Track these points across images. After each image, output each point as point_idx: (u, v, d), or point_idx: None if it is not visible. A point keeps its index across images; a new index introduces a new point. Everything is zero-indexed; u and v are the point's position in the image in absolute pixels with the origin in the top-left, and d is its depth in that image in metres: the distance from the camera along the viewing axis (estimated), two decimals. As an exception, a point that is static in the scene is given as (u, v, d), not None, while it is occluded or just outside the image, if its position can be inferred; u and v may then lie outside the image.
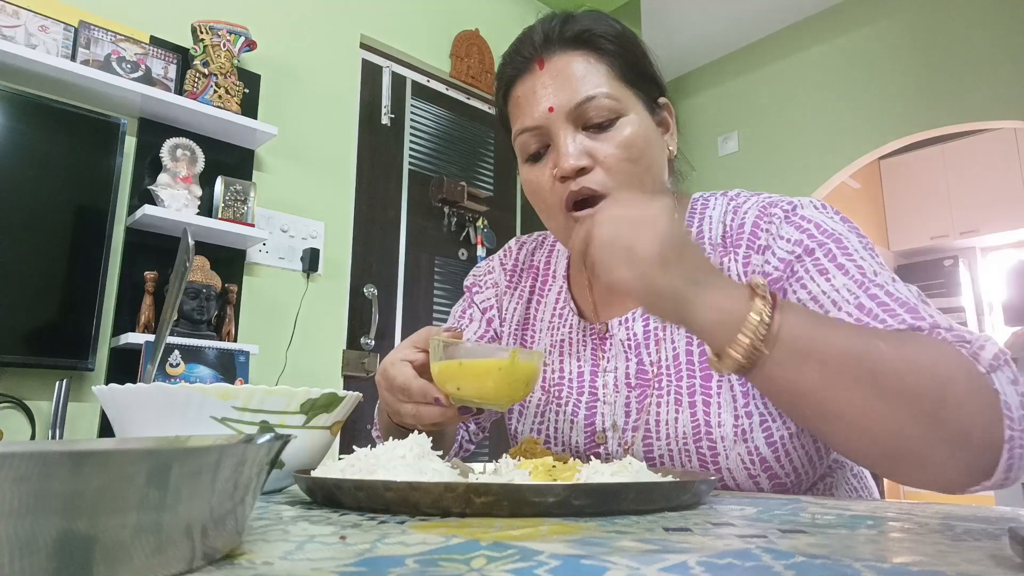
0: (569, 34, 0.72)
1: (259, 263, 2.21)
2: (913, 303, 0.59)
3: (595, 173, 0.69)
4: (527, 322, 0.89)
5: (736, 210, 0.75)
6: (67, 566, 0.19)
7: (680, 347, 0.73)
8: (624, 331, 0.77)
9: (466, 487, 0.39)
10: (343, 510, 0.43)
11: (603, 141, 0.70)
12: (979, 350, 0.52)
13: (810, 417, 0.54)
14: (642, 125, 0.71)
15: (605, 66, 0.71)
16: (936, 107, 3.31)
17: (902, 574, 0.24)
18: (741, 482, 0.68)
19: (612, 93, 0.70)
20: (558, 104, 0.70)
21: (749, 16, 3.83)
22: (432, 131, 2.88)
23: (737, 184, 4.25)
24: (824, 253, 0.65)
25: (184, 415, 0.50)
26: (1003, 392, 0.50)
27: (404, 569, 0.25)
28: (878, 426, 0.51)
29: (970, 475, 0.51)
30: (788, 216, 0.70)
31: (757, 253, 0.71)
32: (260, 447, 0.27)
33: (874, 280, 0.61)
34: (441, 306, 2.77)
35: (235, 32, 2.10)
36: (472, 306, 0.93)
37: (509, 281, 0.92)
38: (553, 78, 0.71)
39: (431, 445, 0.49)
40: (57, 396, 1.67)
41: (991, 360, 0.52)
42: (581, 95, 0.69)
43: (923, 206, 5.01)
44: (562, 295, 0.87)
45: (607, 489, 0.41)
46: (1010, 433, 0.49)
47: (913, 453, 0.51)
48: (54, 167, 1.73)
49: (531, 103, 0.72)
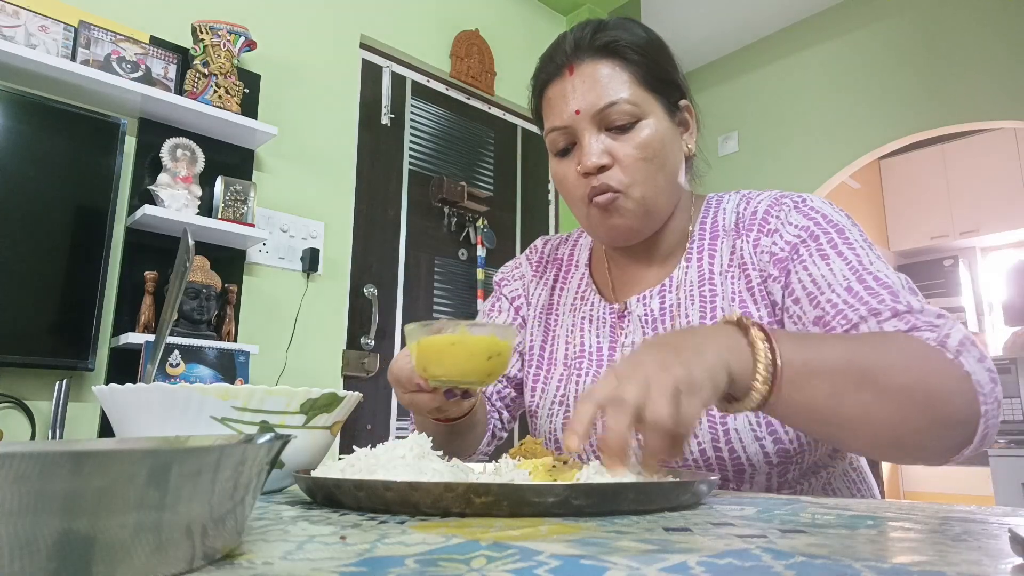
0: (598, 43, 0.78)
1: (259, 263, 2.21)
2: (896, 288, 0.66)
3: (614, 171, 0.77)
4: (551, 306, 0.96)
5: (749, 201, 0.83)
6: (67, 566, 0.19)
7: (695, 319, 0.80)
8: (642, 307, 0.84)
9: (466, 487, 0.39)
10: (343, 510, 0.43)
11: (623, 142, 0.77)
12: (945, 338, 0.60)
13: (825, 426, 0.58)
14: (659, 127, 0.78)
15: (629, 73, 0.78)
16: (936, 107, 3.31)
17: (902, 574, 0.24)
18: (747, 445, 0.71)
19: (633, 98, 0.77)
20: (584, 107, 0.77)
21: (749, 16, 3.83)
22: (432, 131, 2.88)
23: (737, 184, 4.25)
24: (827, 240, 0.73)
25: (184, 415, 0.50)
26: (973, 372, 0.58)
27: (404, 569, 0.25)
28: (884, 422, 0.56)
29: (955, 448, 0.59)
30: (798, 206, 0.78)
31: (766, 236, 0.78)
32: (260, 447, 0.27)
33: (868, 268, 0.69)
34: (441, 306, 2.77)
35: (235, 32, 2.10)
36: (500, 299, 1.01)
37: (535, 271, 1.00)
38: (581, 83, 0.78)
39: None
40: (57, 396, 1.67)
41: (957, 346, 0.59)
42: (604, 100, 0.76)
43: (923, 206, 5.01)
44: (584, 280, 0.94)
45: (607, 489, 0.41)
46: (985, 408, 0.57)
47: (913, 439, 0.58)
48: (54, 167, 1.73)
49: (560, 105, 0.79)
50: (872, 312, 0.65)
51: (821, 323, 0.69)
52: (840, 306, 0.67)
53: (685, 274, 0.83)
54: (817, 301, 0.70)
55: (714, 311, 0.79)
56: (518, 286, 1.01)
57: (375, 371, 2.49)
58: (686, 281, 0.83)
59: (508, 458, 0.56)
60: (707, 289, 0.81)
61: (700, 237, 0.85)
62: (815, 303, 0.70)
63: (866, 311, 0.65)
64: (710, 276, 0.81)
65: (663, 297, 0.83)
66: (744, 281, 0.79)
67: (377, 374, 2.50)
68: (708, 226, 0.85)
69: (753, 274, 0.78)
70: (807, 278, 0.72)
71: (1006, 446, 3.03)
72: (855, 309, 0.66)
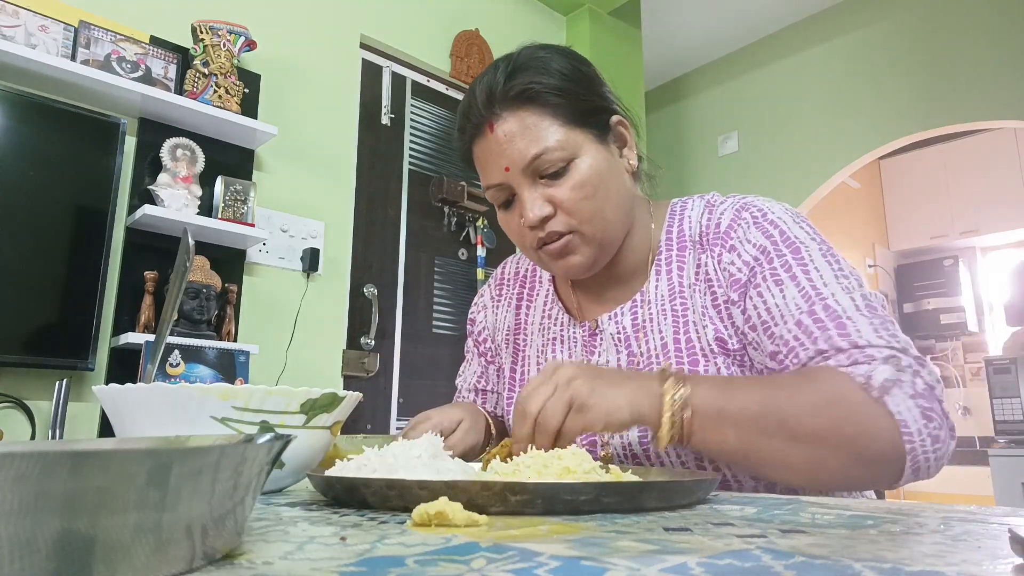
0: (512, 92, 0.75)
1: (259, 263, 2.21)
2: (844, 319, 0.66)
3: (558, 217, 0.75)
4: (518, 327, 0.96)
5: (712, 210, 0.81)
6: (67, 566, 0.19)
7: (668, 336, 0.79)
8: (614, 325, 0.83)
9: (503, 486, 0.40)
10: (343, 510, 0.43)
11: (559, 187, 0.75)
12: (869, 377, 0.61)
13: (740, 465, 0.65)
14: (594, 161, 0.76)
15: (550, 118, 0.74)
16: (936, 107, 3.31)
17: (902, 574, 0.24)
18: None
19: (560, 141, 0.74)
20: (512, 163, 0.75)
21: (749, 16, 3.83)
22: (432, 131, 2.88)
23: (737, 184, 4.25)
24: (781, 263, 0.72)
25: (184, 415, 0.50)
26: (897, 411, 0.60)
27: (404, 569, 0.25)
28: (798, 464, 0.61)
29: (884, 481, 0.63)
30: (757, 220, 0.76)
31: (727, 252, 0.77)
32: (260, 447, 0.27)
33: (820, 293, 0.69)
34: (441, 306, 2.77)
35: (235, 32, 2.10)
36: (471, 349, 1.03)
37: (498, 295, 1.01)
38: (503, 139, 0.75)
39: None
40: (57, 396, 1.67)
41: (880, 385, 0.61)
42: (531, 152, 0.74)
43: (923, 206, 5.01)
44: (550, 297, 0.93)
45: (633, 488, 0.43)
46: (910, 446, 0.59)
47: (830, 478, 0.63)
48: (54, 167, 1.73)
49: (489, 164, 0.77)
50: (819, 352, 0.66)
51: (776, 359, 0.70)
52: (791, 343, 0.68)
53: (655, 288, 0.82)
54: (772, 333, 0.70)
55: (686, 326, 0.78)
56: (481, 320, 1.01)
57: (375, 371, 2.49)
58: (657, 296, 0.81)
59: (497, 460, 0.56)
60: (678, 303, 0.79)
61: (667, 248, 0.83)
62: (770, 335, 0.71)
63: (814, 350, 0.66)
64: (680, 290, 0.80)
65: (635, 313, 0.82)
66: (710, 297, 0.78)
67: (377, 374, 2.50)
68: (675, 236, 0.83)
69: (719, 291, 0.77)
70: (762, 305, 0.72)
71: (1006, 446, 3.03)
72: (805, 348, 0.67)
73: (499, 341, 0.98)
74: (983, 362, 3.41)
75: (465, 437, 0.82)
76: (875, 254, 5.00)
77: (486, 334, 1.00)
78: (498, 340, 0.98)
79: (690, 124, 4.28)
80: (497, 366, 0.99)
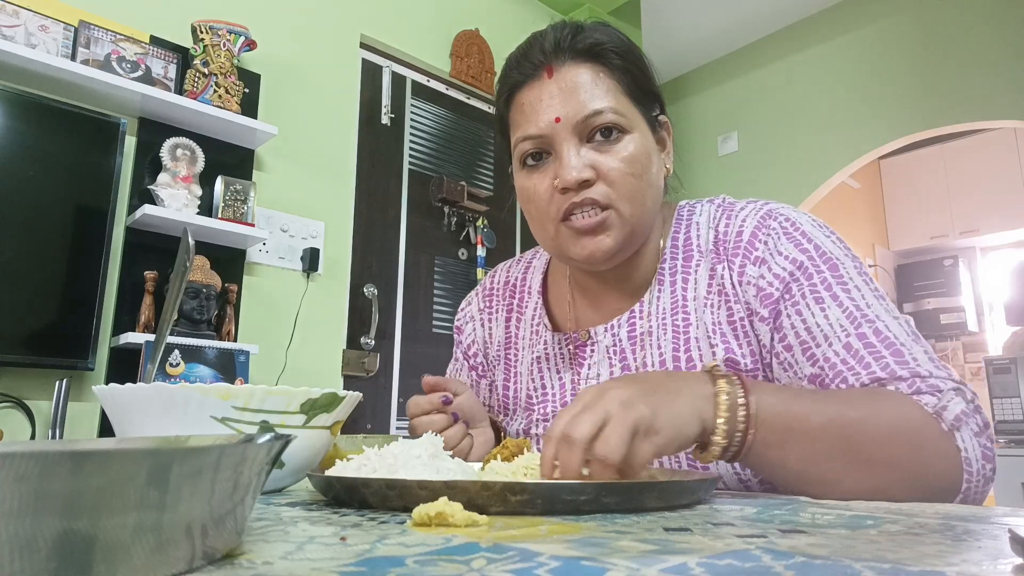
0: (581, 45, 0.71)
1: (259, 263, 2.21)
2: (899, 345, 0.62)
3: (598, 186, 0.69)
4: (508, 341, 0.91)
5: (730, 216, 0.75)
6: (67, 566, 0.19)
7: (667, 350, 0.74)
8: (610, 337, 0.78)
9: (503, 486, 0.40)
10: (343, 510, 0.43)
11: (607, 155, 0.69)
12: (942, 410, 0.57)
13: (795, 484, 0.57)
14: (645, 142, 0.71)
15: (614, 81, 0.71)
16: (936, 107, 3.30)
17: (902, 574, 0.24)
18: (728, 481, 0.69)
19: (619, 108, 0.70)
20: (565, 115, 0.69)
21: (749, 16, 3.83)
22: (432, 131, 2.88)
23: (737, 184, 4.24)
24: (820, 280, 0.66)
25: (184, 415, 0.50)
26: (964, 449, 0.57)
27: (404, 569, 0.25)
28: (861, 489, 0.55)
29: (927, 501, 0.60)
30: (788, 232, 0.70)
31: (753, 265, 0.70)
32: (260, 447, 0.27)
33: (866, 315, 0.63)
34: (441, 306, 2.77)
35: (235, 32, 2.10)
36: (458, 359, 0.97)
37: (488, 307, 0.95)
38: (561, 88, 0.70)
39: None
40: (57, 396, 1.67)
41: (953, 420, 0.57)
42: (589, 108, 0.69)
43: (923, 206, 5.01)
44: (537, 311, 0.88)
45: (633, 487, 0.42)
46: (967, 485, 0.57)
47: (889, 500, 0.58)
48: (54, 167, 1.73)
49: (537, 111, 0.70)
50: (876, 379, 0.61)
51: (818, 381, 0.64)
52: (839, 367, 0.62)
53: (657, 299, 0.76)
54: (813, 355, 0.64)
55: (687, 343, 0.72)
56: (469, 331, 0.95)
57: (375, 371, 2.49)
58: (658, 308, 0.76)
59: (499, 460, 0.56)
60: (680, 318, 0.74)
61: (673, 256, 0.77)
62: (811, 358, 0.65)
63: (868, 377, 0.61)
64: (683, 304, 0.74)
65: (632, 325, 0.76)
66: (726, 312, 0.71)
67: (377, 374, 2.50)
68: (681, 243, 0.77)
69: (736, 307, 0.71)
70: (800, 325, 0.65)
71: (1006, 446, 3.03)
72: (855, 372, 0.61)
73: (491, 356, 0.93)
74: (983, 362, 3.41)
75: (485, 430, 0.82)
76: (875, 254, 5.00)
77: (476, 348, 0.95)
78: (490, 355, 0.93)
79: (690, 124, 4.28)
80: (489, 380, 0.94)
